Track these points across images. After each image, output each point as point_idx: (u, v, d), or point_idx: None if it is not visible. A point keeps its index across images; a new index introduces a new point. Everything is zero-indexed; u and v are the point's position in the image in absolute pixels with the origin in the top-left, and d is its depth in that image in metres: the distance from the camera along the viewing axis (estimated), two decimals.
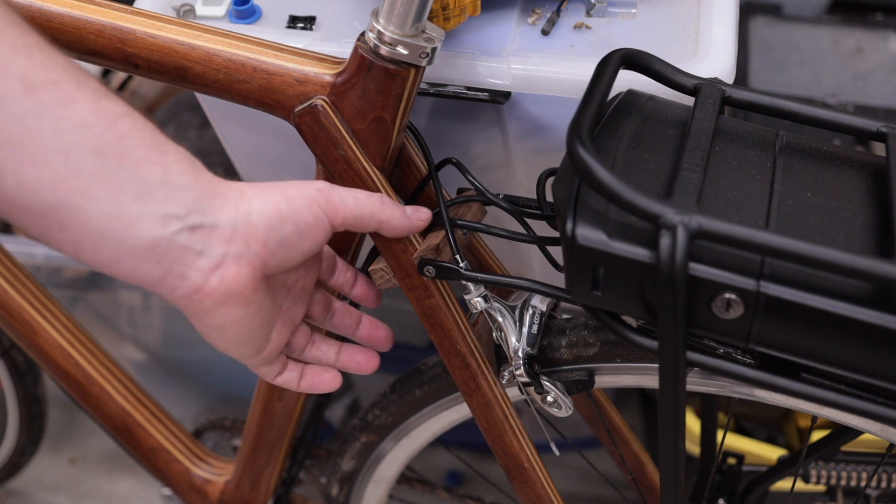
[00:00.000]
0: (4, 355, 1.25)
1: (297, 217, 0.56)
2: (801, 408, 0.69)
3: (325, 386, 0.68)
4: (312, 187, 0.58)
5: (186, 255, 0.51)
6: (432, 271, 0.69)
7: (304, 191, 0.57)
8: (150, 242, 0.50)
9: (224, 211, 0.52)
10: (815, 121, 0.62)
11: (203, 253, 0.51)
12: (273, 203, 0.55)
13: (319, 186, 0.58)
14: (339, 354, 0.69)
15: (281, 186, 0.57)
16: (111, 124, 0.49)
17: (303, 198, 0.57)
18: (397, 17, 0.62)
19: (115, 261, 0.50)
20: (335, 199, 0.58)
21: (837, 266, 0.48)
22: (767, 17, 1.29)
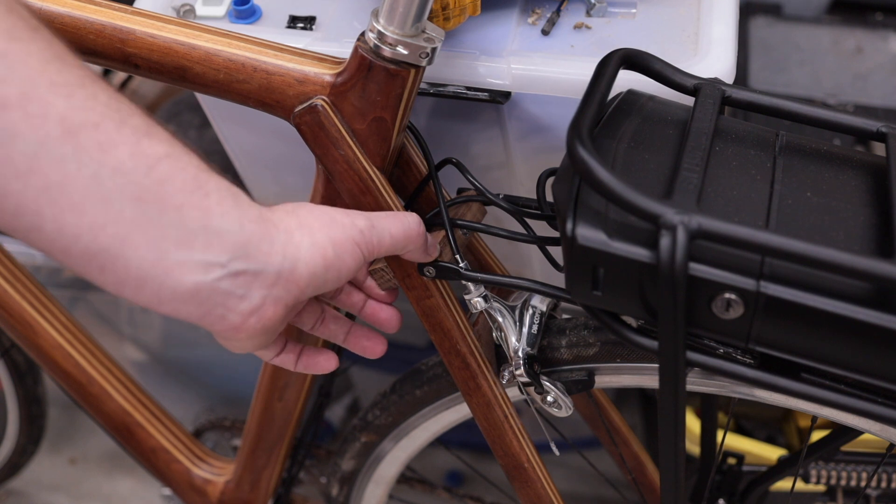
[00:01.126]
0: (4, 355, 1.25)
1: (342, 265, 0.56)
2: (801, 408, 0.69)
3: (320, 368, 0.68)
4: (356, 229, 0.57)
5: (228, 300, 0.51)
6: (432, 271, 0.69)
7: (349, 233, 0.57)
8: (192, 288, 0.49)
9: (270, 257, 0.52)
10: (815, 121, 0.62)
11: (245, 297, 0.51)
12: (321, 252, 0.55)
13: (362, 228, 0.58)
14: (348, 335, 0.70)
15: (326, 226, 0.56)
16: (151, 168, 0.47)
17: (348, 243, 0.56)
18: (397, 17, 0.62)
19: (157, 302, 0.49)
20: (375, 242, 0.59)
21: (837, 266, 0.48)
22: (767, 17, 1.29)
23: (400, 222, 0.61)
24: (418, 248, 0.64)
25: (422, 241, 0.64)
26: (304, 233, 0.55)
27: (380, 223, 0.60)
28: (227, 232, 0.50)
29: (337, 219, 0.57)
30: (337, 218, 0.57)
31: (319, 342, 0.81)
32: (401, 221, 0.61)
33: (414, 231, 0.62)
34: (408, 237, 0.62)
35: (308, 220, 0.56)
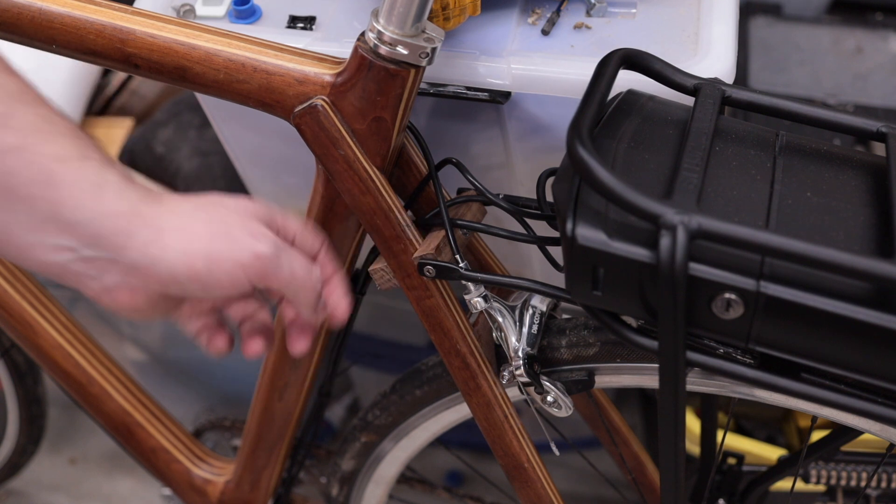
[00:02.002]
0: (4, 355, 1.25)
1: (210, 279, 0.56)
2: (801, 408, 0.69)
3: (216, 348, 0.67)
4: (250, 253, 0.56)
5: (82, 278, 0.54)
6: (432, 271, 0.69)
7: (237, 255, 0.56)
8: (47, 264, 0.53)
9: (126, 251, 0.53)
10: (815, 121, 0.62)
11: (97, 279, 0.54)
12: (188, 261, 0.54)
13: (261, 254, 0.56)
14: None
15: (215, 238, 0.55)
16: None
17: (229, 263, 0.55)
18: (397, 17, 0.62)
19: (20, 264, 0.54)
20: (270, 272, 0.57)
21: (837, 266, 0.48)
22: (767, 17, 1.29)
23: (305, 266, 0.60)
24: (308, 300, 0.61)
25: (313, 295, 0.61)
26: (181, 237, 0.55)
27: (286, 257, 0.58)
28: (79, 223, 0.52)
29: (235, 235, 0.56)
30: (235, 234, 0.56)
31: None
32: (306, 266, 0.60)
33: (310, 282, 0.60)
34: (304, 284, 0.60)
35: (196, 226, 0.55)
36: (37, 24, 0.67)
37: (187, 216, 0.56)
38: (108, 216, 0.53)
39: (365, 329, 1.37)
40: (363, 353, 1.37)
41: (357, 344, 1.36)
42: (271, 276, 0.57)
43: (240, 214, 0.58)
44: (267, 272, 0.57)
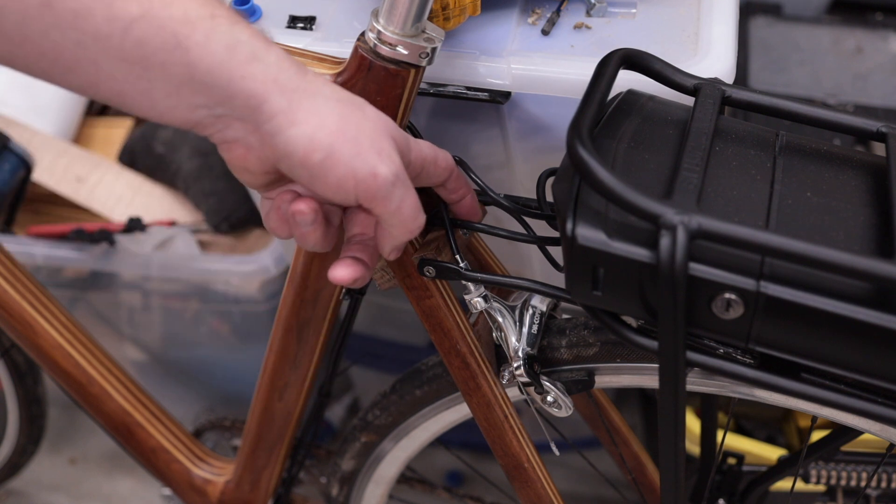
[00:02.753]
0: (4, 355, 1.25)
1: (320, 174, 0.54)
2: (801, 408, 0.69)
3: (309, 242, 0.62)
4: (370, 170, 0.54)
5: (209, 129, 0.55)
6: (432, 271, 0.69)
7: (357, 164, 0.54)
8: (184, 121, 0.54)
9: (255, 114, 0.53)
10: (815, 121, 0.62)
11: (222, 132, 0.55)
12: (308, 145, 0.53)
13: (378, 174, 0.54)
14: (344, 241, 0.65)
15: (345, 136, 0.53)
16: (126, 31, 0.49)
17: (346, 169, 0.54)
18: (397, 17, 0.62)
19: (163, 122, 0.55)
20: (378, 198, 0.55)
21: (837, 266, 0.48)
22: (767, 17, 1.29)
23: (415, 208, 0.57)
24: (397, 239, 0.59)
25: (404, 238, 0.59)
26: (310, 120, 0.53)
27: (401, 190, 0.56)
28: (213, 85, 0.52)
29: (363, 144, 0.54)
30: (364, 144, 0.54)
31: None
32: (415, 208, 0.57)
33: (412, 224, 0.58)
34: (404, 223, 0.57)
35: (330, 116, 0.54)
36: None
37: (324, 102, 0.54)
38: (242, 78, 0.51)
39: (365, 329, 1.37)
40: (363, 353, 1.37)
41: (357, 344, 1.36)
42: (379, 200, 0.55)
43: (377, 127, 0.56)
44: (376, 195, 0.55)
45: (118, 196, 1.37)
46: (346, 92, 0.57)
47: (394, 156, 0.56)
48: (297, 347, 0.83)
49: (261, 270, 1.22)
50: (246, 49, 0.52)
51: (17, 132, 1.34)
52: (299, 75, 0.54)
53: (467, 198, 0.68)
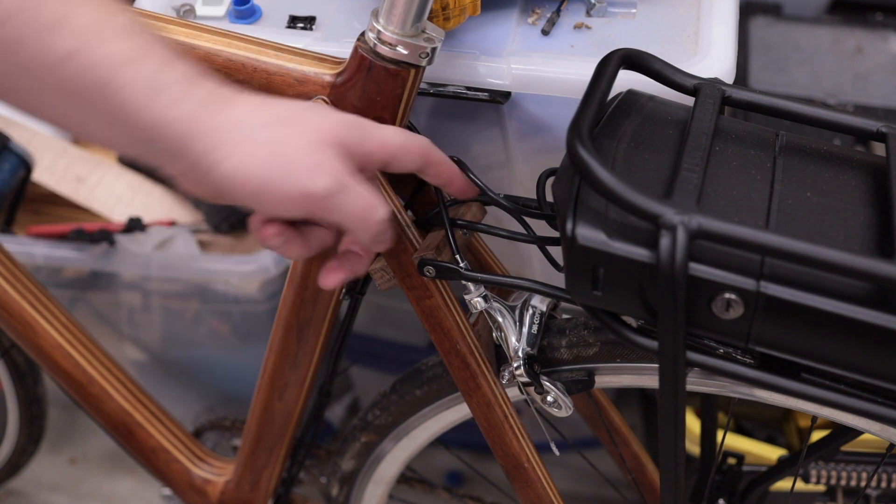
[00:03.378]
0: (4, 355, 1.25)
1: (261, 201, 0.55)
2: (801, 408, 0.69)
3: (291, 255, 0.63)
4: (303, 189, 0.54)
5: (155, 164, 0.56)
6: (432, 271, 0.69)
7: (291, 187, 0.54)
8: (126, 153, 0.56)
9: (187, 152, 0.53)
10: (815, 121, 0.62)
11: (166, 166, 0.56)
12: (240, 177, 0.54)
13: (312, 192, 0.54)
14: None
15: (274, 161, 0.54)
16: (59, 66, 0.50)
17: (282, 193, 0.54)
18: (397, 17, 0.62)
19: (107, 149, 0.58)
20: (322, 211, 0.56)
21: (837, 266, 0.49)
22: (767, 17, 1.29)
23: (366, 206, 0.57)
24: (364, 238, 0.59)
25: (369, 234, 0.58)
26: (238, 153, 0.53)
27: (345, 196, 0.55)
28: (142, 126, 0.52)
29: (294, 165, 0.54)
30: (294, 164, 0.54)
31: None
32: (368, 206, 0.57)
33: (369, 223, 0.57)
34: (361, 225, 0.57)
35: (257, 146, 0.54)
36: None
37: (250, 133, 0.54)
38: (166, 122, 0.52)
39: (365, 329, 1.37)
40: (363, 353, 1.37)
41: (357, 344, 1.36)
42: (324, 212, 0.56)
43: (313, 140, 0.56)
44: (320, 209, 0.56)
45: (118, 196, 1.37)
46: (280, 108, 0.57)
47: (332, 164, 0.56)
48: (297, 347, 0.83)
49: (261, 270, 1.22)
50: (171, 92, 0.52)
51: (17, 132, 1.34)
52: (225, 110, 0.54)
53: (455, 179, 0.66)
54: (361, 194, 0.57)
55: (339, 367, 0.92)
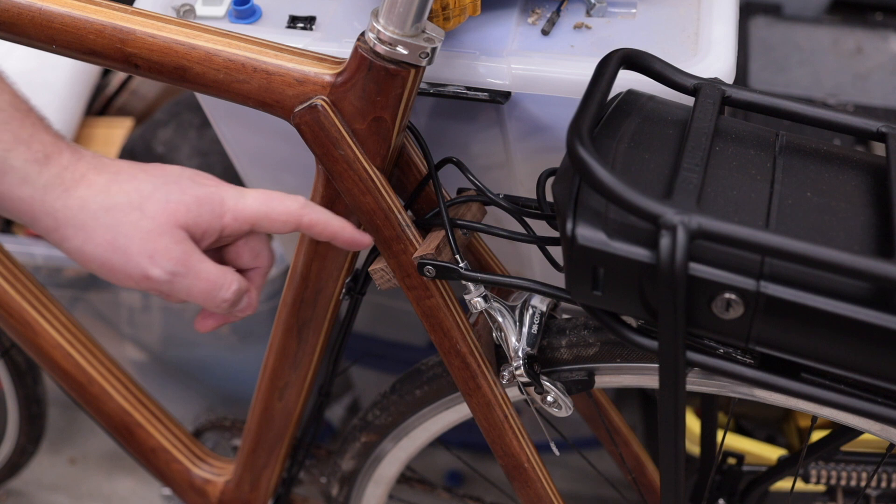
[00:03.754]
0: (4, 355, 1.25)
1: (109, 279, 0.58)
2: (801, 408, 0.69)
3: None
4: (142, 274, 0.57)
5: None
6: (432, 271, 0.69)
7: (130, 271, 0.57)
8: None
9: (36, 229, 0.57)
10: (815, 121, 0.62)
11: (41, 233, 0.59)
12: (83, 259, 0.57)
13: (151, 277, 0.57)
14: None
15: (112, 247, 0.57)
16: None
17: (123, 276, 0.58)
18: (397, 17, 0.62)
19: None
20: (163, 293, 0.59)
21: (837, 266, 0.48)
22: (767, 17, 1.29)
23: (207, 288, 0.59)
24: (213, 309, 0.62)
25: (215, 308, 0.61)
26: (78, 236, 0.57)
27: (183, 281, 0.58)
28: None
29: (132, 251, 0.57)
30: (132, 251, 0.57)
31: None
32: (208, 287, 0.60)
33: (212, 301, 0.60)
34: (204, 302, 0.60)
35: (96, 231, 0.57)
36: (37, 24, 0.67)
37: (90, 216, 0.56)
38: (12, 200, 0.55)
39: (365, 329, 1.37)
40: (363, 353, 1.37)
41: (357, 344, 1.36)
42: (165, 294, 0.59)
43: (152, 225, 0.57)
44: (160, 291, 0.59)
45: None
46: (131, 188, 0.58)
47: (171, 251, 0.58)
48: (297, 347, 0.83)
49: None
50: (16, 175, 0.55)
51: None
52: (71, 191, 0.56)
53: (339, 234, 0.65)
54: (204, 276, 0.59)
55: (339, 367, 0.92)
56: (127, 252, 0.57)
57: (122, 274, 0.57)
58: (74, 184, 0.56)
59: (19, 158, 0.54)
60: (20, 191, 0.55)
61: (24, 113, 0.55)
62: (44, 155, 0.55)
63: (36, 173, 0.55)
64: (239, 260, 0.65)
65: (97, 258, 0.57)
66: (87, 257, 0.57)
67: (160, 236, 0.57)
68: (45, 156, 0.55)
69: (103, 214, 0.56)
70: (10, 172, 0.54)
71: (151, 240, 0.57)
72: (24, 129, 0.55)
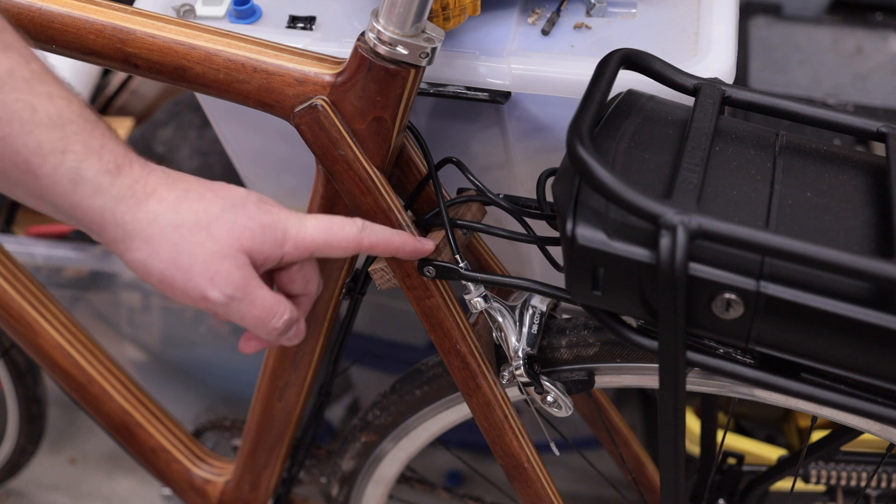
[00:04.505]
0: (4, 355, 1.25)
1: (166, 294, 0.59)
2: (801, 408, 0.69)
3: None
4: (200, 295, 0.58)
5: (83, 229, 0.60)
6: (432, 271, 0.69)
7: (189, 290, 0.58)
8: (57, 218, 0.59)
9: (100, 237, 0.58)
10: (815, 121, 0.62)
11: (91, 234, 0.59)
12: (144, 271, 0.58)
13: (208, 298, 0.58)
14: None
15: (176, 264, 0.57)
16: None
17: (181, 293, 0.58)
18: (397, 17, 0.62)
19: None
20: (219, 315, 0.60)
21: (837, 266, 0.48)
22: (767, 17, 1.29)
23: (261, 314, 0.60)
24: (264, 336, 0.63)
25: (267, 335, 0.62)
26: (144, 249, 0.57)
27: (238, 306, 0.59)
28: (60, 210, 0.56)
29: (194, 271, 0.57)
30: (195, 270, 0.57)
31: None
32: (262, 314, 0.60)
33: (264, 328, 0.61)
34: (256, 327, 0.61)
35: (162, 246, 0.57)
36: (37, 24, 0.67)
37: (159, 231, 0.57)
38: (82, 210, 0.55)
39: (365, 329, 1.37)
40: (363, 353, 1.37)
41: (357, 344, 1.36)
42: (220, 316, 0.60)
43: (216, 247, 0.58)
44: (215, 313, 0.60)
45: None
46: (199, 207, 0.58)
47: (232, 275, 0.58)
48: (297, 347, 0.83)
49: None
50: (89, 185, 0.55)
51: None
52: (141, 205, 0.57)
53: (401, 250, 0.67)
54: (259, 303, 0.60)
55: (339, 367, 0.92)
56: (190, 271, 0.57)
57: (181, 292, 0.58)
58: (146, 197, 0.57)
59: (91, 169, 0.55)
60: (92, 201, 0.55)
61: (93, 123, 0.55)
62: (115, 166, 0.56)
63: (108, 184, 0.55)
64: (291, 285, 0.65)
65: (159, 273, 0.57)
66: (150, 271, 0.57)
67: (223, 259, 0.58)
68: (117, 167, 0.56)
69: (171, 231, 0.57)
70: (82, 183, 0.54)
71: (215, 262, 0.58)
72: (94, 140, 0.55)
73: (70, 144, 0.54)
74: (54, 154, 0.53)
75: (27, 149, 0.53)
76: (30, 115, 0.53)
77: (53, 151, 0.53)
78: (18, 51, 0.53)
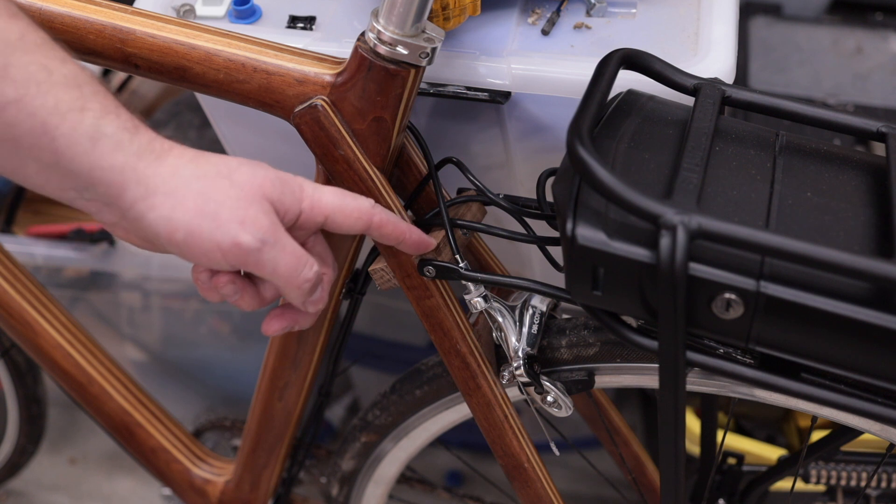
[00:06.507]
0: (4, 355, 1.25)
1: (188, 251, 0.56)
2: (801, 408, 0.69)
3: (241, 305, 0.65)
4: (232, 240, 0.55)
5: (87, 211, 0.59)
6: (432, 271, 0.69)
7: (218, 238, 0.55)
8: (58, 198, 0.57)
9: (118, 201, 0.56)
10: (815, 121, 0.62)
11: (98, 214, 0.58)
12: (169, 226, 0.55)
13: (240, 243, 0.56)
14: None
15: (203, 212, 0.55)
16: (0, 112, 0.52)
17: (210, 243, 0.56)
18: (397, 17, 0.62)
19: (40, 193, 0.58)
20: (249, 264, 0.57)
21: (837, 266, 0.48)
22: (767, 17, 1.29)
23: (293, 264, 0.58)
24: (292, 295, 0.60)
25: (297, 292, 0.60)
26: (168, 202, 0.55)
27: (272, 251, 0.57)
28: (77, 173, 0.54)
29: (222, 216, 0.55)
30: (223, 216, 0.55)
31: None
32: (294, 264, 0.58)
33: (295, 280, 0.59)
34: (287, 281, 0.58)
35: (187, 196, 0.55)
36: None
37: (182, 183, 0.56)
38: (102, 169, 0.54)
39: (365, 329, 1.37)
40: (363, 353, 1.37)
41: (357, 344, 1.36)
42: (251, 265, 0.57)
43: (241, 193, 0.57)
44: (246, 262, 0.57)
45: None
46: (215, 161, 0.58)
47: (260, 220, 0.57)
48: (297, 347, 0.83)
49: None
50: (109, 141, 0.54)
51: None
52: (162, 159, 0.56)
53: (406, 237, 0.66)
54: (291, 250, 0.58)
55: (339, 367, 0.92)
56: (217, 218, 0.55)
57: (210, 242, 0.55)
58: (165, 152, 0.56)
59: (111, 125, 0.54)
60: (112, 158, 0.54)
61: (105, 86, 0.55)
62: (132, 124, 0.55)
63: (128, 140, 0.54)
64: None
65: (185, 225, 0.55)
66: (175, 226, 0.55)
67: (250, 204, 0.57)
68: (134, 125, 0.55)
69: (194, 181, 0.56)
70: (103, 139, 0.53)
71: (242, 206, 0.56)
72: (109, 100, 0.55)
73: (88, 103, 0.53)
74: (73, 112, 0.53)
75: (44, 109, 0.52)
76: (46, 76, 0.52)
77: (72, 109, 0.53)
78: (25, 20, 0.53)
